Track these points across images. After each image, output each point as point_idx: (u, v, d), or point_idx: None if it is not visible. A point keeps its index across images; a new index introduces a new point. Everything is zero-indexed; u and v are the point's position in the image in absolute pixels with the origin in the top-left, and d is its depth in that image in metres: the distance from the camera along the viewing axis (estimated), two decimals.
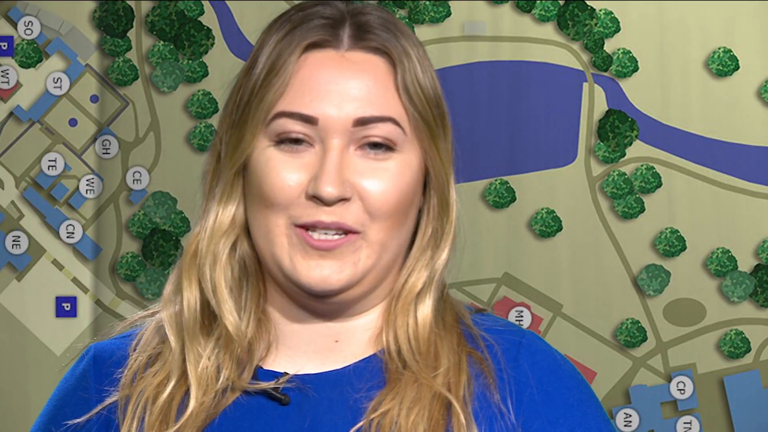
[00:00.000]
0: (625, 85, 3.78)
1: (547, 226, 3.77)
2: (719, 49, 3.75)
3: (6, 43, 3.79)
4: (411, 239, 1.61)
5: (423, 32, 3.78)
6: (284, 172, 1.52)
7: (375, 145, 1.54)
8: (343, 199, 1.50)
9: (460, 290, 3.78)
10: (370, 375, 1.58)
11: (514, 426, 1.55)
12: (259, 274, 1.59)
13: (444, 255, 1.60)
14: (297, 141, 1.53)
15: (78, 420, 1.61)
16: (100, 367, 1.63)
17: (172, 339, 1.58)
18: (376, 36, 1.53)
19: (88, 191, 3.65)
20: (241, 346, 1.56)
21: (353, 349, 1.58)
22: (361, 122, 1.50)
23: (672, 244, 3.77)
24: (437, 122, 1.58)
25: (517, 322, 3.78)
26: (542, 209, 3.78)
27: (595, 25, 3.76)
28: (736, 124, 3.81)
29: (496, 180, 3.76)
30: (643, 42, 3.77)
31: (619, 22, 3.75)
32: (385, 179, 1.52)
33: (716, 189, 3.79)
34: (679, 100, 3.79)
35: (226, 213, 1.59)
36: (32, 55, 3.74)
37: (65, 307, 3.66)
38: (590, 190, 3.80)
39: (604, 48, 3.77)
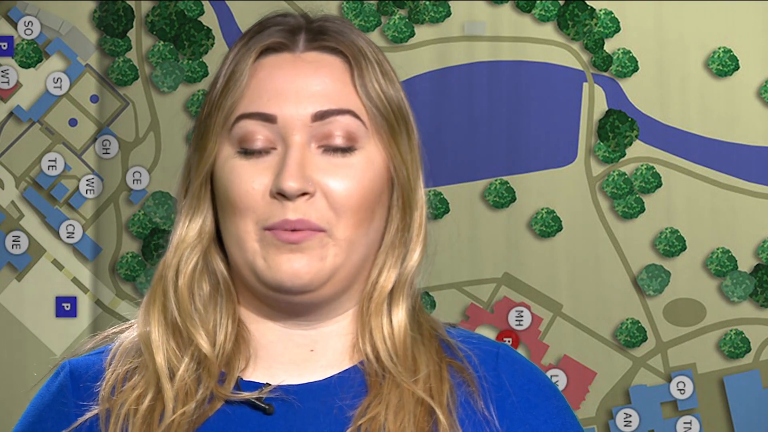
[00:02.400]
0: (625, 85, 3.75)
1: (547, 226, 3.73)
2: (719, 49, 3.72)
3: (6, 43, 3.75)
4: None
5: (423, 32, 3.76)
6: (248, 176, 1.52)
7: (335, 149, 1.54)
8: (306, 194, 1.49)
9: (460, 290, 3.78)
10: (351, 384, 1.57)
11: (497, 430, 1.57)
12: (231, 289, 1.58)
13: (415, 257, 1.58)
14: (258, 152, 1.53)
15: None
16: (77, 382, 1.61)
17: (146, 355, 1.57)
18: (332, 37, 1.53)
19: (88, 191, 3.62)
20: (216, 364, 1.55)
21: (329, 358, 1.57)
22: (320, 116, 1.49)
23: (672, 244, 3.73)
24: (398, 121, 1.56)
25: (517, 322, 3.79)
26: (542, 209, 3.73)
27: (595, 25, 3.72)
28: (736, 124, 3.78)
29: (496, 180, 3.72)
30: (643, 42, 3.74)
31: (619, 22, 3.71)
32: (348, 176, 1.51)
33: (716, 189, 3.75)
34: (679, 100, 3.76)
35: (192, 226, 1.58)
36: (32, 55, 3.69)
37: (65, 307, 3.62)
38: (590, 190, 3.76)
39: (604, 48, 3.72)
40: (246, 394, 1.54)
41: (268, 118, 1.50)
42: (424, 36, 3.72)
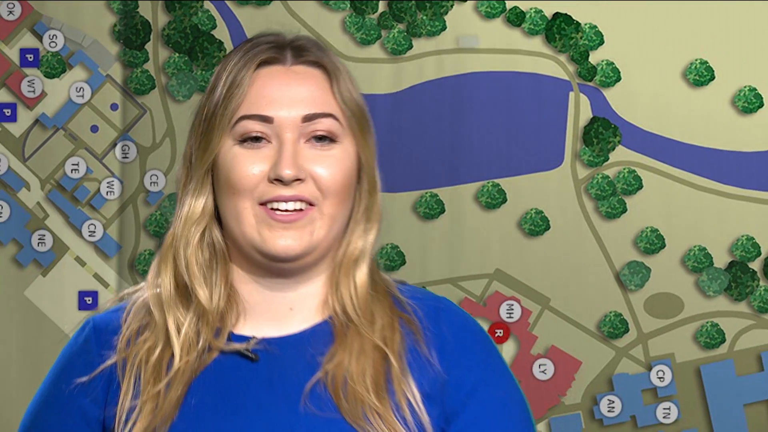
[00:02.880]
0: (609, 94, 3.80)
1: (536, 225, 3.80)
2: (696, 60, 3.79)
3: (32, 55, 3.80)
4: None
5: (420, 45, 3.82)
6: (248, 163, 1.74)
7: (320, 138, 1.75)
8: (299, 179, 1.72)
9: (455, 285, 3.84)
10: (322, 336, 1.78)
11: (439, 372, 1.76)
12: (226, 257, 1.79)
13: (374, 232, 1.83)
14: (257, 139, 1.75)
15: (84, 378, 1.78)
16: (99, 335, 1.80)
17: (156, 314, 1.76)
18: (312, 53, 1.77)
19: (109, 193, 3.70)
20: (213, 316, 1.75)
21: (305, 315, 1.79)
22: (308, 118, 1.73)
23: (652, 242, 3.79)
24: (363, 121, 1.81)
25: (508, 315, 3.85)
26: (531, 210, 3.80)
27: (581, 38, 3.77)
28: (712, 130, 3.83)
29: (488, 182, 3.79)
30: (625, 54, 3.80)
31: (602, 36, 3.77)
32: (332, 164, 1.75)
33: (693, 191, 3.81)
34: (659, 108, 3.81)
35: (197, 204, 1.78)
36: (56, 66, 3.76)
37: (87, 301, 3.72)
38: (576, 191, 3.82)
39: (589, 59, 3.78)
40: (236, 345, 1.74)
41: (266, 119, 1.74)
42: (421, 48, 3.78)
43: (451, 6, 3.78)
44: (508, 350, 3.92)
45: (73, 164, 3.70)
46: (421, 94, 3.84)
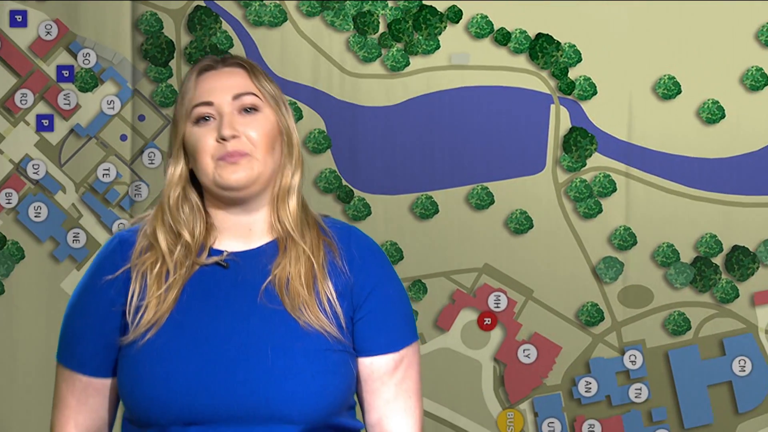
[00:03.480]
0: (586, 106, 3.92)
1: (521, 224, 3.92)
2: (665, 76, 3.88)
3: (68, 71, 3.89)
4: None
5: (416, 62, 3.92)
6: (203, 135, 2.28)
7: (247, 110, 2.29)
8: (235, 137, 2.25)
9: (448, 278, 3.96)
10: (271, 251, 2.31)
11: (349, 277, 2.30)
12: (201, 206, 2.31)
13: (299, 174, 2.33)
14: (206, 119, 2.28)
15: (110, 276, 2.27)
16: (122, 246, 2.31)
17: (155, 244, 2.28)
18: (235, 59, 2.34)
19: (136, 195, 3.74)
20: (195, 245, 2.27)
21: (260, 235, 2.31)
22: (236, 97, 2.29)
23: (625, 239, 3.92)
24: (278, 98, 2.33)
25: (495, 305, 3.97)
26: (516, 210, 3.92)
27: (561, 56, 3.89)
28: (679, 139, 3.93)
29: (477, 186, 3.92)
30: (601, 70, 3.91)
31: (581, 54, 3.88)
32: (257, 126, 2.28)
33: (662, 193, 3.92)
34: (631, 119, 3.92)
35: (175, 171, 2.31)
36: (89, 81, 3.85)
37: None
38: (557, 194, 3.94)
39: (568, 75, 3.90)
40: (213, 258, 2.27)
41: (208, 103, 2.28)
42: (417, 65, 3.91)
43: (445, 27, 3.88)
44: (495, 337, 4.01)
45: (104, 169, 3.77)
46: (417, 107, 3.94)
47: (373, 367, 2.32)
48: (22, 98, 3.88)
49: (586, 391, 3.98)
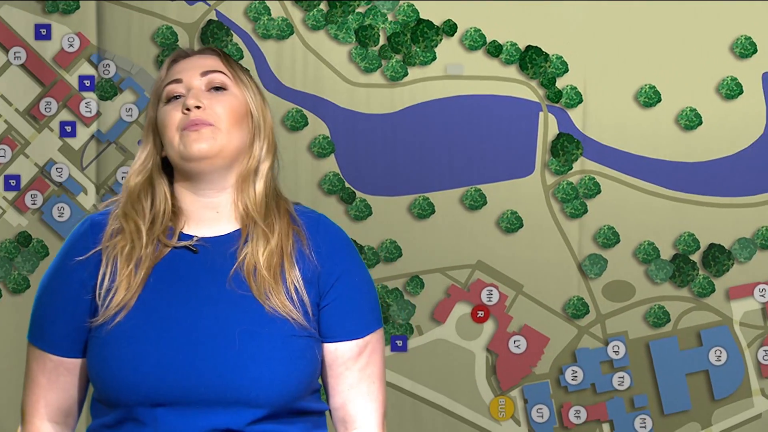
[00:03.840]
0: (572, 113, 3.98)
1: (511, 224, 3.97)
2: (646, 85, 3.93)
3: (89, 81, 3.93)
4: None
5: (414, 72, 3.96)
6: (172, 109, 2.20)
7: (217, 88, 2.23)
8: (199, 107, 2.19)
9: (444, 274, 4.00)
10: (239, 237, 2.24)
11: (316, 265, 2.25)
12: (168, 192, 2.23)
13: (269, 159, 2.27)
14: (176, 98, 2.22)
15: (82, 257, 2.22)
16: (94, 228, 2.26)
17: (125, 226, 2.21)
18: (208, 47, 2.31)
19: None
20: (163, 229, 2.20)
21: (227, 219, 2.25)
22: (205, 73, 2.25)
23: (608, 237, 3.98)
24: (248, 81, 2.28)
25: (488, 299, 4.00)
26: (507, 210, 3.97)
27: (549, 66, 3.94)
28: (659, 144, 3.98)
29: (471, 188, 3.96)
30: (586, 80, 3.95)
31: (567, 65, 3.94)
32: (224, 101, 2.23)
33: (643, 195, 3.97)
34: (615, 125, 3.97)
35: (142, 156, 2.23)
36: (109, 90, 3.89)
37: None
38: (545, 195, 3.99)
39: (556, 85, 3.95)
40: (182, 243, 2.22)
41: (178, 80, 2.24)
42: (415, 75, 3.95)
43: (440, 40, 3.93)
44: (487, 328, 4.03)
45: (123, 172, 3.82)
46: (415, 114, 3.97)
47: (338, 352, 2.31)
48: (47, 106, 3.91)
49: (572, 380, 4.01)
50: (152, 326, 2.20)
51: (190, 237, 2.25)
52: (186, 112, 2.22)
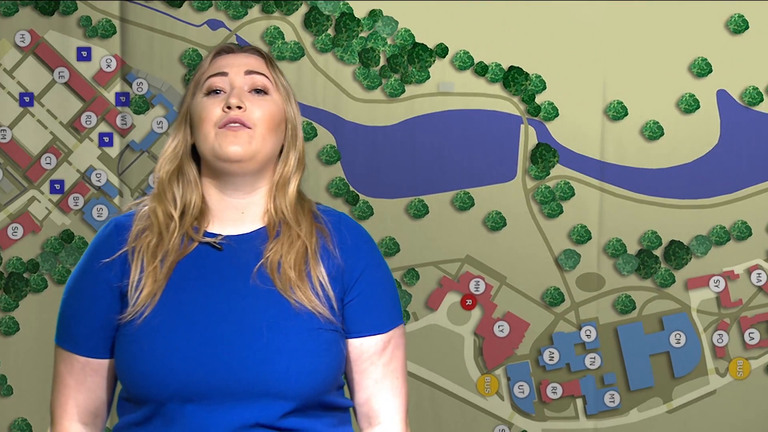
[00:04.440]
0: (549, 126, 4.00)
1: (496, 222, 4.01)
2: (614, 100, 3.97)
3: (124, 97, 3.94)
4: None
5: (411, 89, 3.95)
6: (211, 103, 2.08)
7: (258, 91, 2.09)
8: (240, 107, 2.06)
9: (437, 267, 4.00)
10: (263, 235, 2.12)
11: (340, 261, 2.13)
12: (198, 180, 2.10)
13: (300, 168, 2.14)
14: (217, 92, 2.09)
15: (108, 259, 2.10)
16: (118, 230, 2.14)
17: (153, 220, 2.10)
18: (254, 48, 2.17)
19: None
20: (189, 223, 2.08)
21: (252, 218, 2.12)
22: (249, 72, 2.11)
23: (582, 235, 4.02)
24: (288, 89, 2.15)
25: (475, 289, 4.01)
26: (492, 211, 4.00)
27: (529, 84, 3.96)
28: (626, 153, 3.99)
29: (460, 191, 3.99)
30: (562, 96, 3.98)
31: (545, 83, 3.96)
32: (264, 105, 2.09)
33: (612, 197, 4.01)
34: (586, 136, 3.99)
35: (173, 143, 2.12)
36: (142, 105, 3.91)
37: None
38: (525, 198, 4.01)
39: (535, 100, 3.97)
40: (208, 239, 2.09)
41: (222, 74, 2.10)
42: (411, 92, 3.97)
43: (434, 61, 3.94)
44: (475, 315, 4.02)
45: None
46: (411, 126, 3.97)
47: (363, 347, 2.17)
48: (87, 119, 3.91)
49: (549, 360, 4.02)
50: (180, 321, 2.06)
51: (215, 235, 2.13)
52: (226, 110, 2.08)
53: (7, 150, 3.97)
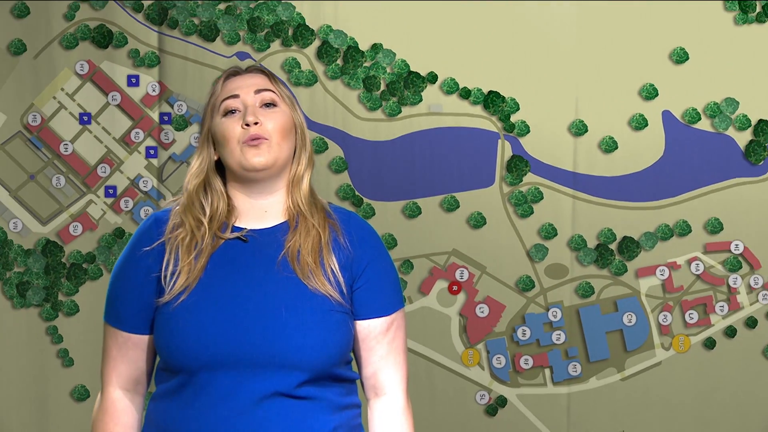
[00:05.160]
0: (522, 140, 4.20)
1: (478, 221, 4.20)
2: (576, 119, 4.18)
3: (167, 117, 4.13)
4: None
5: (406, 110, 4.12)
6: (232, 124, 2.16)
7: (267, 105, 2.18)
8: (257, 123, 2.15)
9: (428, 258, 4.16)
10: (284, 229, 2.19)
11: (349, 252, 2.18)
12: (224, 191, 2.17)
13: (311, 166, 2.22)
14: (233, 112, 2.17)
15: (148, 248, 2.18)
16: (157, 223, 2.22)
17: (186, 221, 2.17)
18: (257, 67, 2.26)
19: None
20: (217, 224, 2.15)
21: (274, 215, 2.20)
22: (258, 91, 2.19)
23: (549, 231, 4.23)
24: (292, 98, 2.22)
25: (460, 277, 4.13)
26: (475, 212, 4.19)
27: (505, 106, 4.14)
28: (587, 163, 4.19)
29: (448, 195, 4.18)
30: (532, 116, 4.18)
31: (519, 105, 4.17)
32: (274, 117, 2.17)
33: (575, 200, 4.21)
34: (553, 150, 4.19)
35: (198, 161, 2.19)
36: (182, 123, 4.12)
37: None
38: (503, 200, 4.20)
39: (510, 119, 4.17)
40: (235, 234, 2.16)
41: (235, 96, 2.18)
42: (407, 112, 4.16)
43: (425, 86, 4.14)
44: (460, 299, 4.16)
45: None
46: (407, 141, 4.14)
47: (370, 328, 2.22)
48: (135, 135, 4.08)
49: (522, 336, 4.18)
50: (211, 303, 2.12)
51: (241, 229, 2.20)
52: (245, 127, 2.16)
53: (69, 161, 4.14)
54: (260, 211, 2.22)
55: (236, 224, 2.20)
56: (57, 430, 4.05)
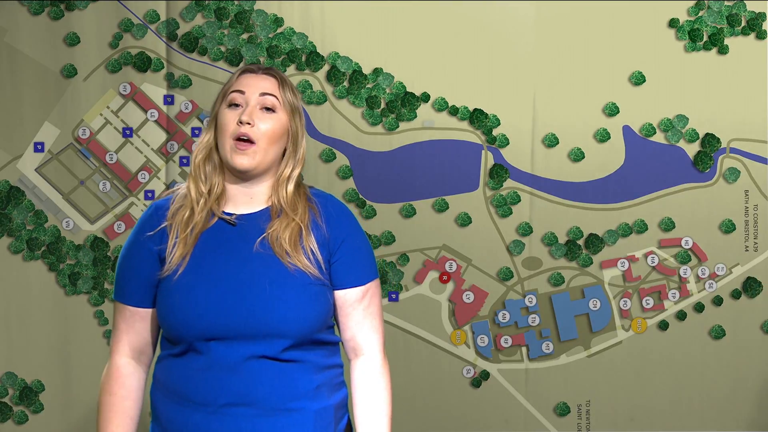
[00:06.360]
0: (503, 151, 4.45)
1: (464, 221, 4.45)
2: (549, 133, 4.43)
3: (198, 131, 4.39)
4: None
5: (403, 125, 4.37)
6: (231, 116, 2.28)
7: (267, 109, 2.28)
8: (249, 124, 2.26)
9: (422, 252, 4.40)
10: (267, 215, 2.35)
11: (326, 232, 2.30)
12: (221, 169, 2.29)
13: (298, 169, 2.33)
14: (236, 105, 2.30)
15: (150, 233, 2.34)
16: (158, 210, 2.38)
17: (188, 196, 2.30)
18: (272, 69, 2.35)
19: None
20: (213, 201, 2.28)
21: (258, 202, 2.34)
22: (263, 94, 2.31)
23: (526, 230, 4.49)
24: (294, 109, 2.30)
25: (449, 268, 4.36)
26: (462, 212, 4.45)
27: (488, 122, 4.41)
28: (558, 170, 4.45)
29: (439, 198, 4.43)
30: (511, 130, 4.44)
31: (500, 120, 4.43)
32: (269, 122, 2.28)
33: (547, 203, 4.47)
34: (530, 159, 4.45)
35: (205, 138, 2.33)
36: None
37: None
38: (485, 203, 4.45)
39: (492, 133, 4.43)
40: (225, 217, 2.34)
41: (241, 91, 2.30)
42: (404, 127, 4.41)
43: (420, 104, 4.41)
44: (449, 287, 4.40)
45: None
46: (404, 152, 4.40)
47: (346, 297, 2.36)
48: (171, 147, 4.33)
49: (503, 319, 4.45)
50: (203, 280, 2.28)
51: (230, 214, 2.35)
52: (239, 124, 2.29)
53: (114, 169, 4.41)
54: (246, 196, 2.39)
55: (225, 209, 2.38)
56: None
